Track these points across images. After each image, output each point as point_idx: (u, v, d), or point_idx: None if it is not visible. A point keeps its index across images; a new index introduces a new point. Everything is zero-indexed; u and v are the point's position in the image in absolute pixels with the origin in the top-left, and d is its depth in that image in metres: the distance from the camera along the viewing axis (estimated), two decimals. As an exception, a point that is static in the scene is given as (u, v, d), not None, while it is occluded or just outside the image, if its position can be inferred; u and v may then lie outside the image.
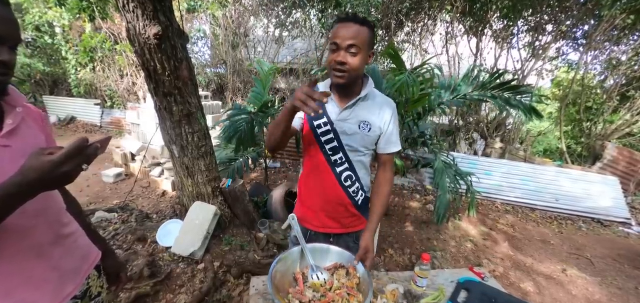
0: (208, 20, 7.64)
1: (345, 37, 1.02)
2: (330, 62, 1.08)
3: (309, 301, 0.97)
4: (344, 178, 1.23)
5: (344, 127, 1.17)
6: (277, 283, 0.98)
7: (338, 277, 1.06)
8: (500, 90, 2.50)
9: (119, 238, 2.34)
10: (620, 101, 6.17)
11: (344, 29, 1.03)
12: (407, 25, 6.11)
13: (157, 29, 1.77)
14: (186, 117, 2.20)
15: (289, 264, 1.09)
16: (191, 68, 2.17)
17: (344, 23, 1.04)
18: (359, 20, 1.05)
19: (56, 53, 7.77)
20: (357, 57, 1.04)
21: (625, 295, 2.64)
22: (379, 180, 1.26)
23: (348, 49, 1.03)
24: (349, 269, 1.08)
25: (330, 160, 1.21)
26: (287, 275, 1.06)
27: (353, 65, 1.04)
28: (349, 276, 1.06)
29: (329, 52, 1.10)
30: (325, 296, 0.99)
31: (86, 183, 4.11)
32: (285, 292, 0.99)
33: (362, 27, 1.04)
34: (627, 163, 5.22)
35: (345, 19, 1.05)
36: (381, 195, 1.23)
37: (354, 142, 1.18)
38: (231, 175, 3.03)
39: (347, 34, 1.02)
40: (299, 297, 0.97)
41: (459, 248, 3.15)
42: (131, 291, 1.82)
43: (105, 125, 8.01)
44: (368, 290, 0.96)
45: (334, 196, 1.24)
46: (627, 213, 4.25)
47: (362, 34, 1.03)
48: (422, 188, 4.81)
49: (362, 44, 1.03)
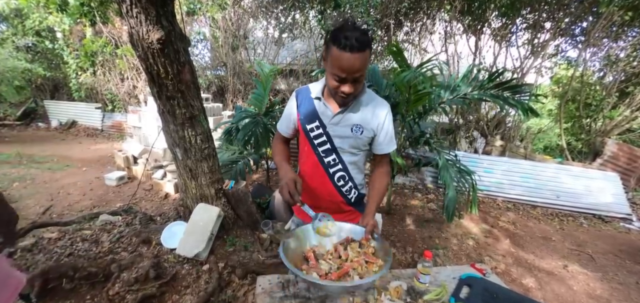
0: (207, 23, 7.67)
1: (352, 71, 0.99)
2: (334, 88, 1.06)
3: (325, 273, 0.97)
4: (337, 178, 1.26)
5: (337, 131, 1.19)
6: (289, 257, 0.98)
7: (352, 249, 1.08)
8: (499, 90, 2.52)
9: (124, 241, 2.36)
10: (619, 97, 6.19)
11: (348, 61, 0.96)
12: (406, 24, 6.14)
13: (160, 34, 1.79)
14: (189, 119, 2.22)
15: (300, 240, 1.10)
16: (193, 71, 2.19)
17: (346, 52, 0.94)
18: (362, 46, 0.94)
19: (57, 57, 7.80)
20: (361, 80, 1.05)
21: (626, 290, 2.65)
22: (376, 174, 1.27)
23: (353, 80, 1.02)
24: (362, 241, 1.10)
25: (324, 161, 1.24)
26: (297, 252, 1.07)
27: (358, 88, 1.06)
28: (363, 247, 1.09)
29: (330, 76, 1.04)
30: (341, 266, 1.00)
31: (89, 187, 4.13)
32: (298, 269, 0.98)
33: (365, 52, 0.97)
34: (627, 159, 5.23)
35: (348, 47, 0.94)
36: (378, 186, 1.25)
37: (347, 145, 1.21)
38: (233, 176, 3.05)
39: (354, 66, 0.97)
40: (314, 270, 0.98)
41: (460, 245, 3.17)
42: (137, 293, 1.84)
43: (106, 128, 8.04)
44: (386, 255, 0.99)
45: (327, 194, 1.28)
46: (627, 208, 4.26)
47: (366, 59, 0.99)
48: (423, 186, 4.83)
49: (364, 69, 1.01)
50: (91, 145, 6.78)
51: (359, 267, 0.99)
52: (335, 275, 0.98)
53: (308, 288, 1.13)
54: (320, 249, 1.11)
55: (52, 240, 2.38)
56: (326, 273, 0.98)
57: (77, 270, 1.92)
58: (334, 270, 1.00)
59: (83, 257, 2.15)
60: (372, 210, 1.18)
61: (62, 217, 3.23)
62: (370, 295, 1.08)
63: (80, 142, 7.03)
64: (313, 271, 0.98)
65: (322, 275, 0.97)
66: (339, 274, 0.98)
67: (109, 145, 6.67)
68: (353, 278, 0.97)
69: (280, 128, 1.35)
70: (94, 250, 2.24)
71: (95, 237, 2.44)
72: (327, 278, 0.97)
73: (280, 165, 1.24)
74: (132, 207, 3.22)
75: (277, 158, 1.29)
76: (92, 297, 1.89)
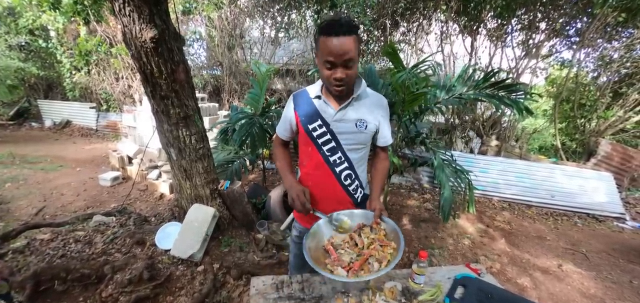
0: (203, 22, 7.63)
1: (339, 54, 1.00)
2: (327, 78, 1.08)
3: (348, 264, 1.02)
4: (343, 177, 1.25)
5: (340, 128, 1.19)
6: (312, 257, 1.03)
7: (366, 235, 1.12)
8: (494, 89, 2.53)
9: (118, 242, 2.34)
10: (613, 98, 6.26)
11: (336, 45, 0.99)
12: (403, 25, 6.15)
13: (153, 33, 1.77)
14: (183, 119, 2.21)
15: (318, 238, 1.14)
16: (188, 70, 2.17)
17: (333, 37, 0.99)
18: (346, 29, 1.00)
19: (50, 56, 7.71)
20: (353, 68, 1.06)
21: (619, 289, 2.68)
22: (377, 160, 1.34)
23: (344, 64, 1.03)
24: (373, 225, 1.14)
25: (329, 160, 1.22)
26: (318, 248, 1.11)
27: (351, 76, 1.07)
28: (374, 230, 1.13)
29: (322, 67, 1.07)
30: (362, 254, 1.04)
31: (83, 188, 4.09)
32: (322, 264, 1.03)
33: (351, 36, 1.01)
34: (620, 159, 5.29)
35: (333, 32, 0.99)
36: (380, 169, 1.32)
37: (353, 141, 1.20)
38: (229, 176, 3.03)
39: (341, 49, 1.00)
40: (338, 263, 1.02)
41: (456, 245, 3.17)
42: (131, 294, 1.82)
43: (100, 128, 7.96)
44: (398, 236, 1.04)
45: (334, 195, 1.26)
46: (621, 208, 4.31)
47: (354, 43, 1.02)
48: (419, 186, 4.84)
49: (354, 53, 1.03)
50: (85, 145, 6.71)
51: (376, 252, 1.04)
52: (358, 264, 1.01)
53: (302, 289, 1.13)
54: (337, 239, 1.15)
55: (45, 242, 2.35)
56: (349, 265, 1.02)
57: (69, 271, 1.90)
58: (355, 260, 1.03)
59: (76, 258, 2.13)
60: (378, 194, 1.24)
61: (55, 218, 3.19)
62: (364, 296, 1.07)
63: (75, 142, 6.96)
64: (337, 266, 1.02)
65: (345, 267, 1.01)
66: (360, 262, 1.02)
67: (104, 145, 6.60)
68: (372, 265, 1.01)
69: (279, 132, 1.35)
70: (87, 252, 2.22)
71: (89, 238, 2.41)
72: (350, 269, 1.00)
73: (285, 175, 1.26)
74: (127, 207, 3.19)
75: (279, 165, 1.32)
76: (85, 299, 1.87)
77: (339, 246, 1.12)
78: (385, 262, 1.00)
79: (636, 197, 4.90)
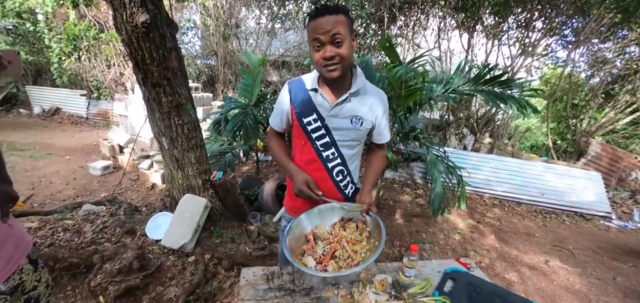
0: (198, 10, 7.48)
1: (325, 30, 0.98)
2: (317, 61, 1.04)
3: (320, 256, 1.07)
4: (335, 173, 1.23)
5: (335, 123, 1.15)
6: (293, 247, 1.07)
7: (350, 230, 1.14)
8: (490, 85, 2.53)
9: (108, 231, 2.31)
10: (605, 99, 6.35)
11: (321, 23, 0.99)
12: (400, 19, 6.12)
13: (144, 17, 1.72)
14: (175, 108, 2.17)
15: (300, 230, 1.17)
16: (180, 58, 2.13)
17: (318, 18, 1.00)
18: (332, 10, 1.00)
19: (39, 41, 7.49)
20: (343, 45, 1.01)
21: (603, 285, 2.75)
22: (373, 156, 1.32)
23: (332, 41, 1.00)
24: (358, 224, 1.15)
25: (322, 155, 1.20)
26: (300, 238, 1.15)
27: (342, 53, 1.01)
28: (359, 229, 1.14)
29: (312, 51, 1.05)
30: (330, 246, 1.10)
31: (73, 176, 4.02)
32: (301, 251, 1.10)
33: (338, 15, 0.99)
34: (609, 160, 5.39)
35: (318, 14, 1.00)
36: (374, 164, 1.31)
37: (347, 137, 1.18)
38: (222, 167, 3.01)
39: (326, 26, 0.98)
40: (311, 253, 1.08)
41: (447, 240, 3.21)
42: (120, 284, 1.80)
43: (91, 116, 7.80)
44: (380, 232, 1.05)
45: (325, 189, 1.23)
46: (608, 207, 4.41)
47: (340, 21, 1.00)
48: (412, 181, 4.87)
49: (344, 31, 1.00)
50: (75, 133, 6.58)
51: (341, 249, 1.07)
52: (327, 258, 1.05)
53: (292, 280, 1.13)
54: (321, 229, 1.18)
55: (33, 230, 2.30)
56: (321, 257, 1.05)
57: (57, 260, 1.87)
58: (327, 254, 1.06)
59: (64, 247, 2.09)
60: (369, 188, 1.22)
61: (44, 206, 3.13)
62: (354, 288, 1.08)
63: (64, 129, 6.82)
64: (309, 256, 1.05)
65: (317, 258, 1.06)
66: (328, 256, 1.05)
67: (94, 134, 6.48)
68: (340, 259, 1.05)
69: (273, 123, 1.30)
70: (75, 241, 2.18)
71: (78, 227, 2.37)
72: (321, 262, 1.05)
73: (286, 164, 1.24)
74: (117, 197, 3.14)
75: (278, 157, 1.29)
76: (73, 288, 1.85)
77: (322, 237, 1.15)
78: (357, 261, 1.03)
79: (623, 196, 5.01)
